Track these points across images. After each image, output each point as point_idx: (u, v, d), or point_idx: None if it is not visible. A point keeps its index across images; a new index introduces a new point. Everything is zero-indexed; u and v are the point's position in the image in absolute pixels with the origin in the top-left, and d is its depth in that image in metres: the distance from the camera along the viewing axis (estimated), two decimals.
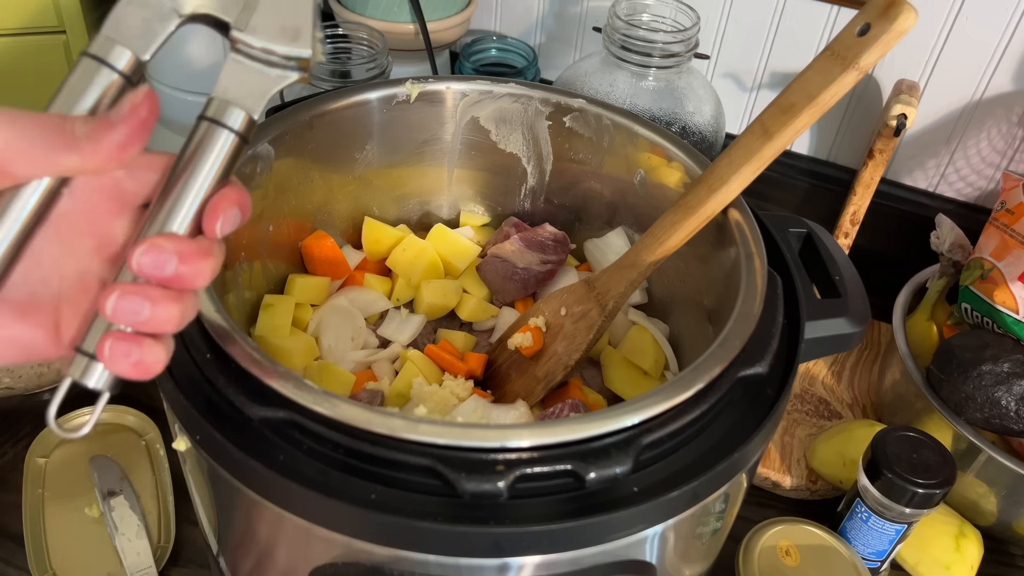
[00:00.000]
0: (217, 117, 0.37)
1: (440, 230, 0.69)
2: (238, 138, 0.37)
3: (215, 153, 0.36)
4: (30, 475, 0.68)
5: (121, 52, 0.35)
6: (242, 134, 0.37)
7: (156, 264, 0.34)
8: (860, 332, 0.53)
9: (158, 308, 0.35)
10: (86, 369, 0.36)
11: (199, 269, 0.35)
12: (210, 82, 0.39)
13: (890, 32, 0.45)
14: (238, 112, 0.37)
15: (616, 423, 0.41)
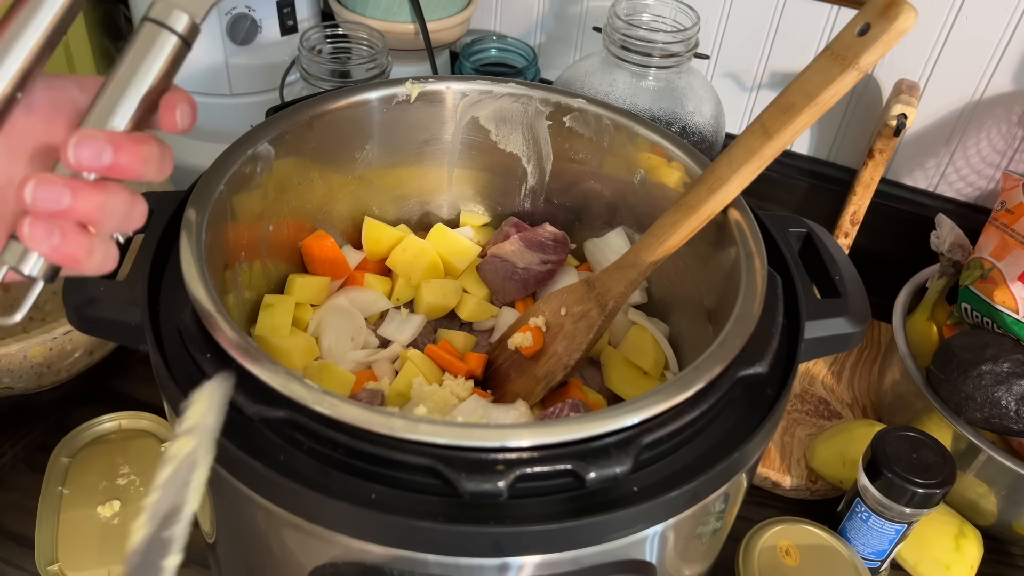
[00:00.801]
0: (160, 18, 0.37)
1: (440, 230, 0.69)
2: (180, 41, 0.37)
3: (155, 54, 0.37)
4: (53, 473, 0.68)
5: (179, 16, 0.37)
6: (184, 37, 0.38)
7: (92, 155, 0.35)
8: (860, 332, 0.53)
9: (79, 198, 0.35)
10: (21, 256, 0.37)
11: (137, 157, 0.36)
12: (211, 82, 0.40)
13: (890, 32, 0.45)
14: (181, 15, 0.37)
15: (616, 423, 0.41)
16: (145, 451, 0.71)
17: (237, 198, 0.56)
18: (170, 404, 0.46)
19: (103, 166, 0.35)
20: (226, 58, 0.85)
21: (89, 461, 0.70)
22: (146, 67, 0.37)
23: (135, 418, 0.73)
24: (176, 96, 0.38)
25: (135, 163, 0.36)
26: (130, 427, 0.73)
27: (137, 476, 0.69)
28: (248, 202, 0.57)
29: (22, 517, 0.67)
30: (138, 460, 0.70)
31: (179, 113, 0.38)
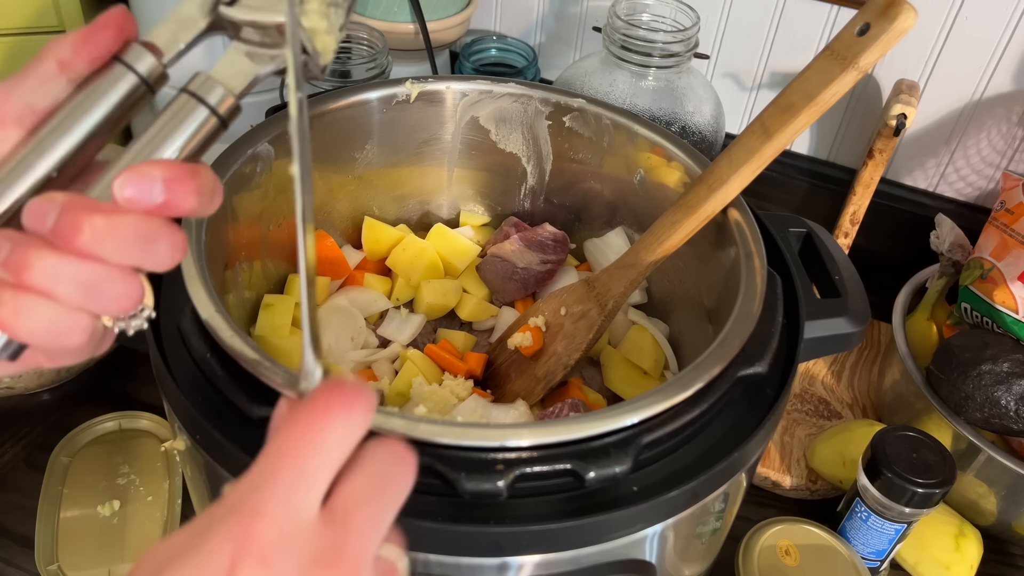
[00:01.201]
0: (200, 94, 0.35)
1: (440, 230, 0.69)
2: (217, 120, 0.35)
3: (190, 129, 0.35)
4: (53, 472, 0.68)
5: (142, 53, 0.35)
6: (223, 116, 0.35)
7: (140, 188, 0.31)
8: (860, 332, 0.53)
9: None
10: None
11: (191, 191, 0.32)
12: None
13: (890, 32, 0.46)
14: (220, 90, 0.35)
15: (616, 423, 0.41)
16: (145, 451, 0.71)
17: (237, 198, 0.56)
18: (170, 404, 0.46)
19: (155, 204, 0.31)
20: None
21: (89, 461, 0.70)
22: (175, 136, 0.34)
23: (135, 418, 0.73)
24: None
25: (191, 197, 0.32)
26: (130, 427, 0.73)
27: (137, 476, 0.69)
28: (248, 202, 0.57)
29: (22, 517, 0.67)
30: (138, 460, 0.70)
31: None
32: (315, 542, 0.26)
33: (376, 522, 0.28)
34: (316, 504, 0.27)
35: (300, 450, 0.27)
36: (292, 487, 0.26)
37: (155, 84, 0.36)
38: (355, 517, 0.27)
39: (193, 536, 0.26)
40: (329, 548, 0.26)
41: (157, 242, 0.32)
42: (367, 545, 0.27)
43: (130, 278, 0.32)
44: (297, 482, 0.27)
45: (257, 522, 0.26)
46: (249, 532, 0.25)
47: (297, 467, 0.27)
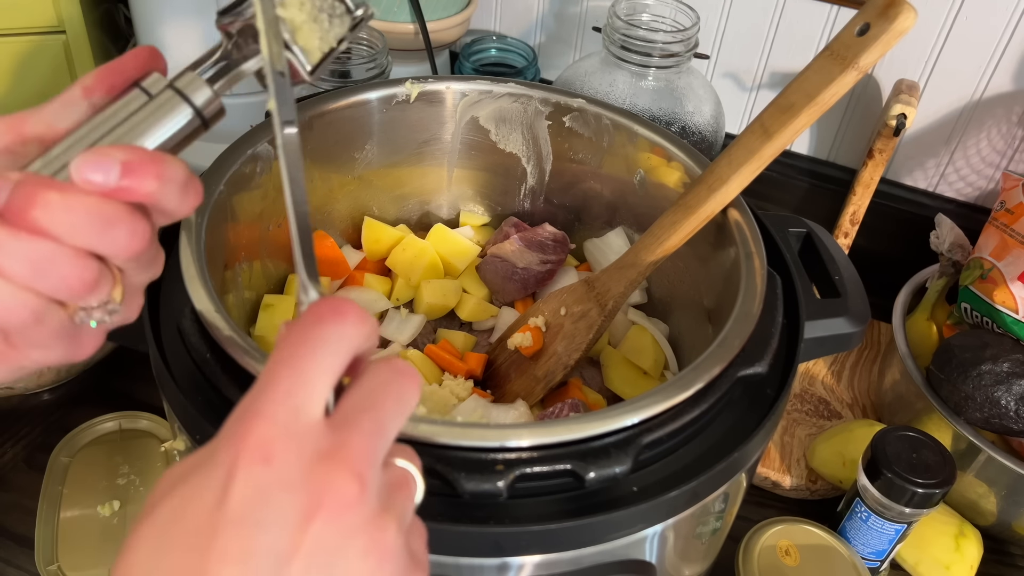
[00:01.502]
0: (184, 90, 0.35)
1: (440, 230, 0.69)
2: (199, 119, 0.35)
3: (167, 126, 0.35)
4: (53, 472, 0.68)
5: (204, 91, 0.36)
6: (205, 116, 0.36)
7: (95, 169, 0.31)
8: (860, 332, 0.53)
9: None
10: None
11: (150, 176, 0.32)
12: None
13: (890, 32, 0.46)
14: (207, 91, 0.36)
15: (616, 423, 0.41)
16: (145, 451, 0.71)
17: (237, 198, 0.56)
18: (170, 404, 0.46)
19: (108, 186, 0.31)
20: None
21: (89, 461, 0.70)
22: (149, 133, 0.34)
23: (135, 418, 0.73)
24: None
25: (150, 182, 0.32)
26: (130, 427, 0.73)
27: (137, 476, 0.69)
28: (248, 202, 0.57)
29: (22, 517, 0.67)
30: (138, 460, 0.70)
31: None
32: (318, 441, 0.26)
33: (379, 427, 0.28)
34: (318, 408, 0.27)
35: (295, 356, 0.28)
36: (291, 390, 0.27)
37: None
38: (358, 420, 0.28)
39: (202, 450, 0.27)
40: (332, 446, 0.27)
41: (115, 226, 0.32)
42: (371, 446, 0.27)
43: (83, 260, 0.32)
44: (295, 385, 0.27)
45: (257, 422, 0.26)
46: (249, 432, 0.26)
47: (295, 371, 0.27)
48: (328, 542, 0.25)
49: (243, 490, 0.25)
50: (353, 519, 0.26)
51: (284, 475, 0.25)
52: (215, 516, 0.25)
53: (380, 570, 0.27)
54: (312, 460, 0.26)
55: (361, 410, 0.28)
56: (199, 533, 0.25)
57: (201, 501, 0.25)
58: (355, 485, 0.26)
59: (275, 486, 0.25)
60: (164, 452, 0.71)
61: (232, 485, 0.25)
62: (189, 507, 0.25)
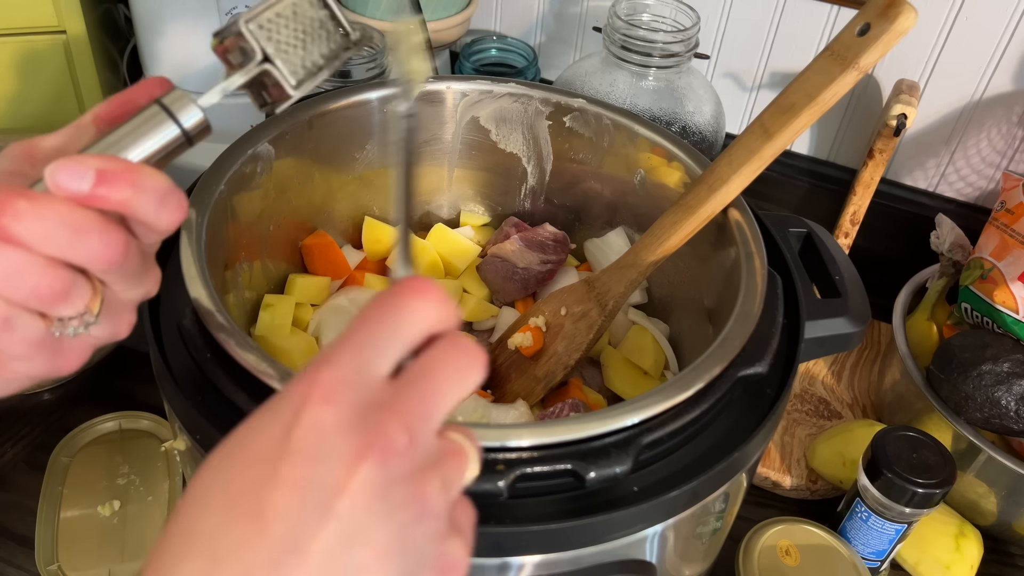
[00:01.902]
0: (170, 107, 0.36)
1: (440, 230, 0.69)
2: (184, 137, 0.36)
3: (151, 142, 0.35)
4: (53, 472, 0.68)
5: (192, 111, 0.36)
6: (189, 134, 0.36)
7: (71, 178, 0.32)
8: (860, 332, 0.53)
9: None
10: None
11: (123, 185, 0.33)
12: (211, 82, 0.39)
13: (890, 32, 0.46)
14: (194, 110, 0.36)
15: (616, 423, 0.41)
16: (145, 451, 0.71)
17: (237, 198, 0.56)
18: (170, 404, 0.46)
19: (81, 192, 0.32)
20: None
21: (89, 461, 0.70)
22: (132, 147, 0.35)
23: (135, 418, 0.73)
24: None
25: (122, 191, 0.32)
26: (130, 427, 0.73)
27: (137, 476, 0.69)
28: (248, 202, 0.57)
29: (22, 517, 0.67)
30: (138, 460, 0.70)
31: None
32: (377, 392, 0.28)
33: (436, 392, 0.29)
34: (383, 368, 0.29)
35: (373, 320, 0.30)
36: (362, 347, 0.29)
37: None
38: (416, 382, 0.29)
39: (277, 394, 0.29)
40: (389, 399, 0.28)
41: (87, 235, 0.32)
42: (425, 407, 0.29)
43: (54, 270, 0.32)
44: (367, 343, 0.29)
45: (326, 367, 0.28)
46: (317, 375, 0.28)
47: (370, 332, 0.29)
48: (373, 485, 0.27)
49: (306, 426, 0.27)
50: (399, 467, 0.28)
51: (343, 417, 0.27)
52: (279, 446, 0.27)
53: (419, 523, 0.28)
54: (369, 407, 0.28)
55: (421, 374, 0.30)
56: (263, 459, 0.27)
57: (269, 432, 0.28)
58: (404, 435, 0.28)
59: (333, 426, 0.27)
60: (164, 452, 0.71)
61: (297, 421, 0.27)
62: (257, 437, 0.28)
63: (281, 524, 0.26)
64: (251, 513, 0.26)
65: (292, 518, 0.26)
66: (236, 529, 0.26)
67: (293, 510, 0.26)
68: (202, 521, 0.27)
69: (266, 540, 0.26)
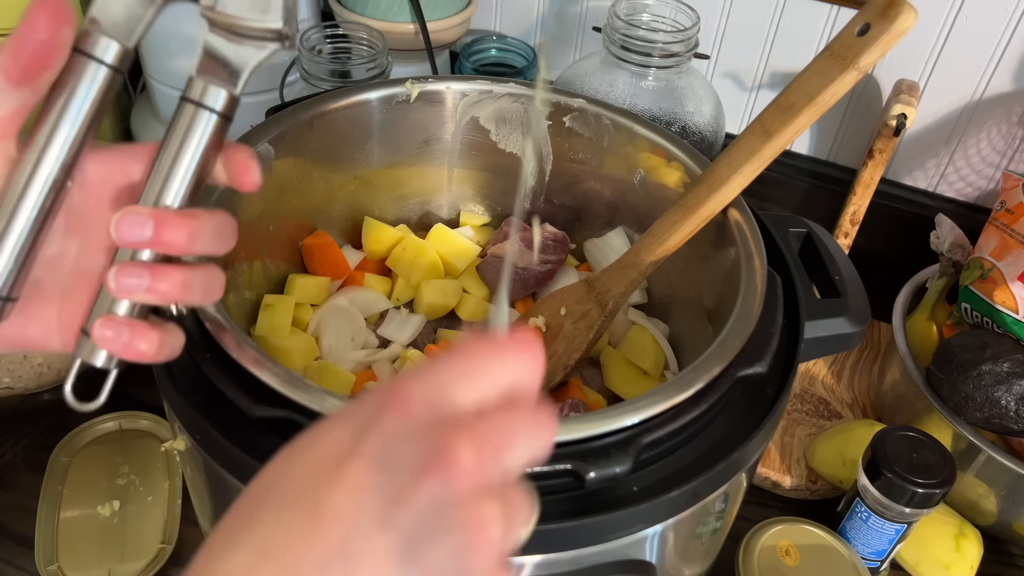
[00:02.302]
0: (199, 99, 0.37)
1: (440, 230, 0.69)
2: (220, 118, 0.37)
3: (199, 135, 0.37)
4: (53, 472, 0.68)
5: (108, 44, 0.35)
6: (224, 114, 0.37)
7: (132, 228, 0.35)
8: (860, 332, 0.53)
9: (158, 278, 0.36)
10: (92, 350, 0.37)
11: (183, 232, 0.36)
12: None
13: (890, 32, 0.46)
14: (218, 92, 0.37)
15: (616, 423, 0.41)
16: (145, 451, 0.71)
17: (237, 198, 0.56)
18: (170, 404, 0.46)
19: (144, 240, 0.35)
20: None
21: (89, 461, 0.70)
22: (190, 151, 0.37)
23: (135, 418, 0.73)
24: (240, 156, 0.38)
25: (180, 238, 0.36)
26: (130, 427, 0.73)
27: (137, 476, 0.69)
28: (248, 202, 0.57)
29: (22, 517, 0.67)
30: (138, 460, 0.70)
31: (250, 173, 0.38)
32: (455, 416, 0.28)
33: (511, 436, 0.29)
34: (465, 399, 0.29)
35: (468, 355, 0.29)
36: (451, 374, 0.29)
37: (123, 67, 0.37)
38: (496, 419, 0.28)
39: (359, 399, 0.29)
40: (466, 423, 0.28)
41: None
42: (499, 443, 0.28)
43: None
44: (456, 372, 0.29)
45: (409, 383, 0.28)
46: (400, 387, 0.28)
47: (461, 364, 0.29)
48: (435, 500, 0.26)
49: (378, 432, 0.27)
50: (463, 485, 0.27)
51: (416, 429, 0.27)
52: (349, 449, 0.27)
53: (476, 549, 0.27)
54: (443, 425, 0.28)
55: (502, 414, 0.29)
56: (330, 460, 0.27)
57: (340, 434, 0.28)
58: (472, 455, 0.27)
59: (405, 435, 0.27)
60: (164, 452, 0.71)
61: (370, 426, 0.27)
62: (328, 437, 0.28)
63: (337, 526, 0.26)
64: (308, 511, 0.26)
65: (348, 522, 0.26)
66: (291, 525, 0.26)
67: (351, 514, 0.26)
68: (260, 513, 0.27)
69: (319, 540, 0.25)
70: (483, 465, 0.27)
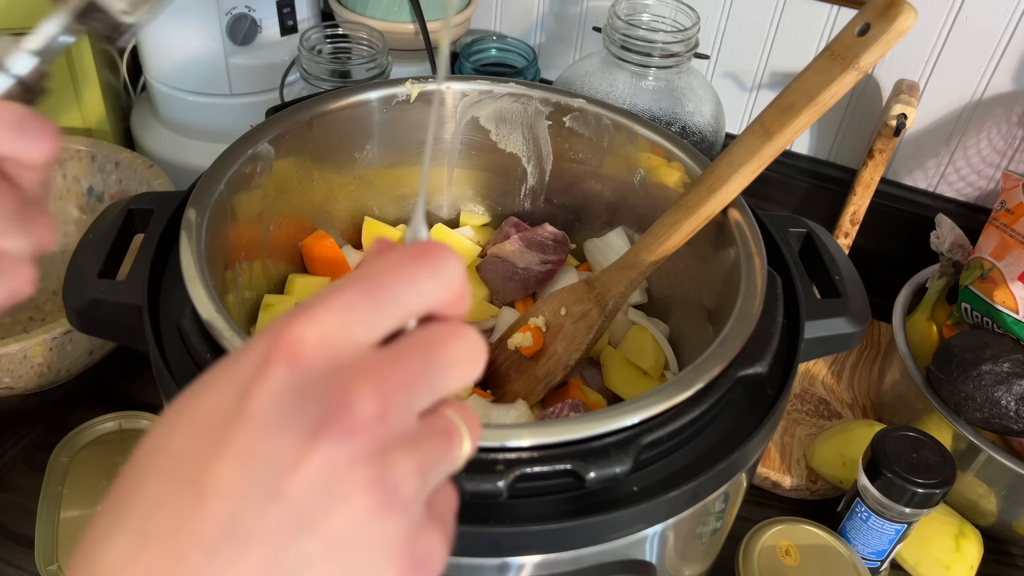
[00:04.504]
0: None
1: (440, 230, 0.69)
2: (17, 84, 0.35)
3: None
4: (53, 472, 0.68)
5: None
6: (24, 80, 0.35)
7: None
8: (860, 332, 0.53)
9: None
10: None
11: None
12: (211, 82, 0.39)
13: (890, 32, 0.45)
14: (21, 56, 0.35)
15: (616, 423, 0.41)
16: None
17: (237, 198, 0.56)
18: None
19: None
20: (226, 58, 0.85)
21: (89, 461, 0.70)
22: None
23: (135, 418, 0.73)
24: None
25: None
26: (130, 427, 0.73)
27: None
28: (248, 202, 0.57)
29: (22, 517, 0.67)
30: None
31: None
32: (355, 358, 0.25)
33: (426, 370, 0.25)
34: (371, 335, 0.25)
35: (376, 278, 0.25)
36: (350, 305, 0.25)
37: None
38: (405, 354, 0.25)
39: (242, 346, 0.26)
40: (367, 366, 0.24)
41: None
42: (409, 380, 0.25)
43: None
44: (356, 302, 0.25)
45: (300, 322, 0.24)
46: (288, 329, 0.24)
47: (363, 290, 0.25)
48: (332, 463, 0.23)
49: (265, 388, 0.24)
50: (364, 443, 0.24)
51: (307, 379, 0.24)
52: (234, 409, 0.24)
53: (384, 512, 0.24)
54: (340, 371, 0.24)
55: (413, 346, 0.26)
56: (213, 424, 0.24)
57: (224, 392, 0.24)
58: (375, 406, 0.24)
59: (297, 390, 0.24)
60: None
61: (256, 381, 0.24)
62: (211, 397, 0.25)
63: (221, 502, 0.23)
64: (191, 485, 0.23)
65: (234, 496, 0.23)
66: (172, 503, 0.23)
67: (236, 487, 0.23)
68: (139, 492, 0.24)
69: (202, 519, 0.23)
70: (389, 415, 0.24)
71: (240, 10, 0.84)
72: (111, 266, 0.51)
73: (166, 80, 0.89)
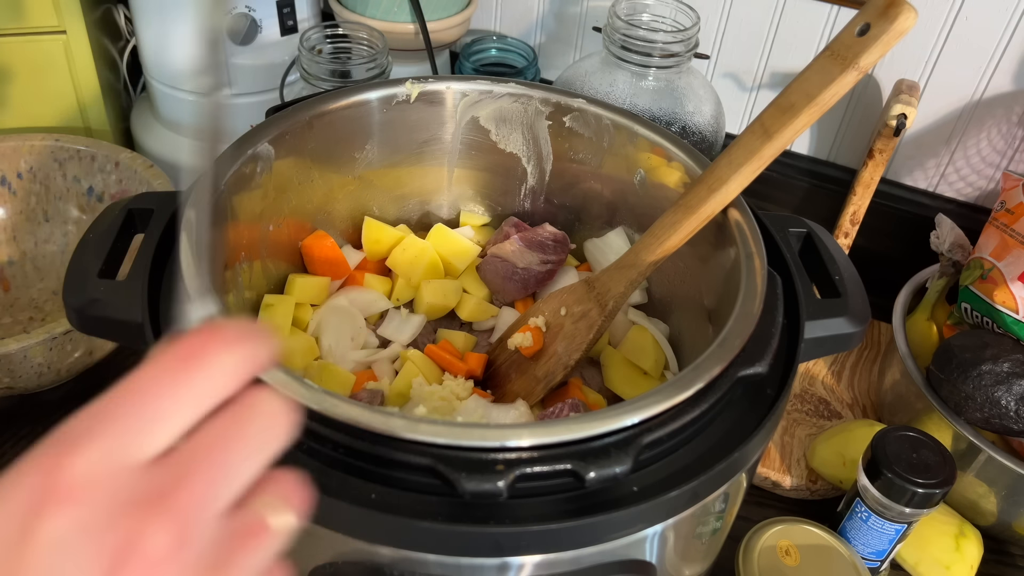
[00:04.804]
0: None
1: (440, 230, 0.69)
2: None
3: None
4: None
5: None
6: None
7: None
8: (860, 332, 0.53)
9: None
10: None
11: None
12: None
13: (890, 32, 0.45)
14: None
15: (616, 423, 0.41)
16: None
17: (237, 198, 0.56)
18: None
19: None
20: (226, 58, 0.85)
21: None
22: None
23: None
24: None
25: None
26: None
27: None
28: (248, 202, 0.57)
29: None
30: None
31: None
32: (138, 483, 0.23)
33: (224, 470, 0.24)
34: (150, 449, 0.24)
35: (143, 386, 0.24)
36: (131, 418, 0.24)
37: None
38: (196, 462, 0.24)
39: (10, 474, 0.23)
40: (155, 490, 0.23)
41: None
42: (206, 492, 0.23)
43: None
44: (130, 418, 0.24)
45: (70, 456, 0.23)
46: (58, 468, 0.23)
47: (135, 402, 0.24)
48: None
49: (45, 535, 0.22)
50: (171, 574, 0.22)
51: (91, 519, 0.22)
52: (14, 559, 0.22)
53: None
54: (125, 505, 0.22)
55: (204, 450, 0.24)
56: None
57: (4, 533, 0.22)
58: (169, 537, 0.22)
59: (80, 531, 0.22)
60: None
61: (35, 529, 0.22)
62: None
63: None
64: None
65: None
66: None
67: None
68: None
69: None
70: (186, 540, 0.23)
71: (240, 10, 0.84)
72: (111, 266, 0.51)
73: (166, 80, 0.89)
